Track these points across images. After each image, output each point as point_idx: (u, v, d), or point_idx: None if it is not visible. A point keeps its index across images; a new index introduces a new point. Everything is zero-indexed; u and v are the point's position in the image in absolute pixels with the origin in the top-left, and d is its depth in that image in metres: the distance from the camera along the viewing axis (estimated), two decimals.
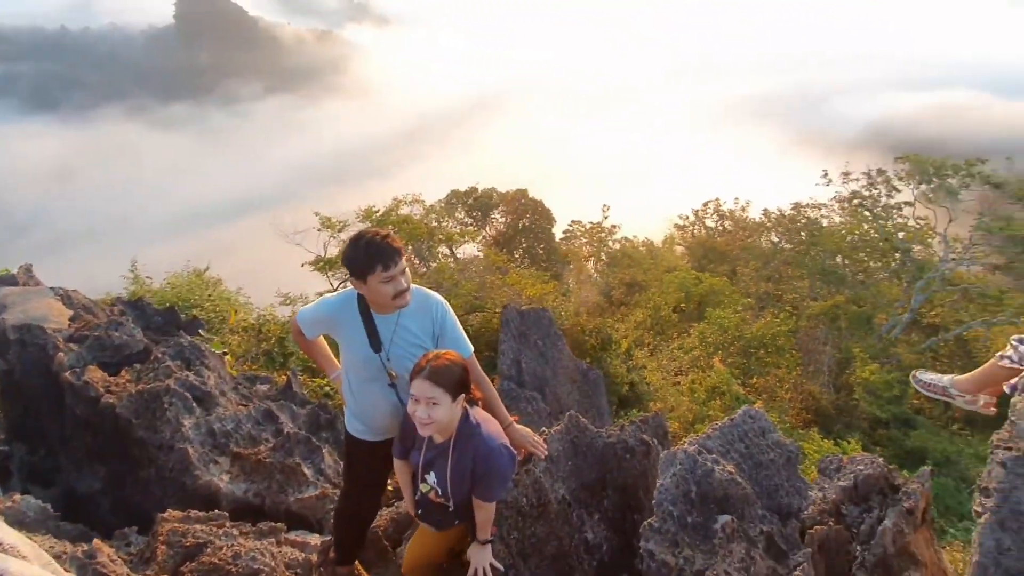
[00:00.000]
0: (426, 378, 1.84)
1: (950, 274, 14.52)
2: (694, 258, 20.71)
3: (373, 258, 1.92)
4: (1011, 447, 1.76)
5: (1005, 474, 1.73)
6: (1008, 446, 1.77)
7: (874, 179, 16.68)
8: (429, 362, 1.87)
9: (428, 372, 1.85)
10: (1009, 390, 2.17)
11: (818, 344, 14.12)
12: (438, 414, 1.85)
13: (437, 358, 1.89)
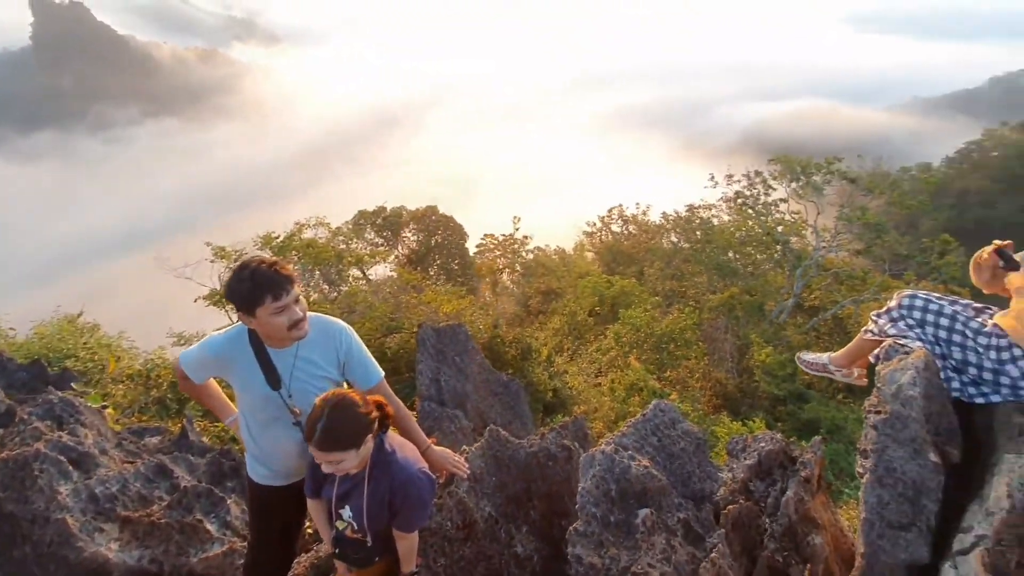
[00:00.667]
0: (317, 447, 1.69)
1: (823, 260, 16.26)
2: (604, 262, 21.61)
3: (261, 289, 1.79)
4: (879, 411, 1.97)
5: (877, 435, 1.94)
6: (877, 410, 1.99)
7: (753, 180, 18.37)
8: (317, 425, 1.69)
9: (318, 440, 1.68)
10: (874, 360, 2.43)
11: (720, 334, 15.22)
12: (345, 466, 1.75)
13: (326, 417, 1.69)
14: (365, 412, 1.76)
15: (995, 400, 2.09)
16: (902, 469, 1.89)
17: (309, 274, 11.85)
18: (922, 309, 2.25)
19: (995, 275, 2.14)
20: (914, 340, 2.21)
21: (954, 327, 2.18)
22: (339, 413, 1.71)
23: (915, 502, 1.86)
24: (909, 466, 1.88)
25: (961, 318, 2.19)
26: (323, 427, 1.68)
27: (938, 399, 2.00)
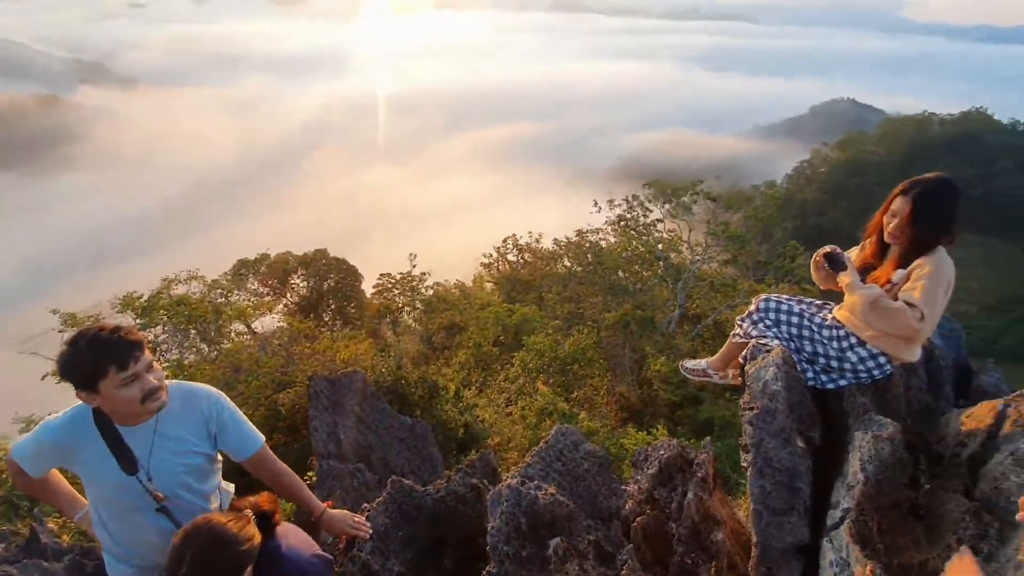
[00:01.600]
0: None
1: (699, 272, 17.83)
2: (504, 292, 21.94)
3: (102, 359, 1.56)
4: (752, 407, 2.16)
5: (753, 430, 2.11)
6: (750, 407, 2.17)
7: (632, 204, 19.85)
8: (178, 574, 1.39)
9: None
10: (743, 361, 2.67)
11: (618, 350, 16.00)
12: None
13: (188, 558, 1.38)
14: (239, 547, 1.44)
15: (843, 384, 2.37)
16: (777, 458, 2.06)
17: (183, 335, 10.70)
18: (775, 310, 2.51)
19: (828, 275, 2.46)
20: (773, 339, 2.46)
21: (802, 323, 2.46)
22: (201, 553, 1.39)
23: (791, 487, 2.04)
24: (781, 454, 2.06)
25: (807, 315, 2.48)
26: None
27: (797, 390, 2.23)
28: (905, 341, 2.28)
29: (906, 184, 2.31)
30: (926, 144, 72.93)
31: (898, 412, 2.46)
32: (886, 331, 2.22)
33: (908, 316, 2.11)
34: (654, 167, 70.95)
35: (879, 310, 2.17)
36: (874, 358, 2.34)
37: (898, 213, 2.25)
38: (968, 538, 1.70)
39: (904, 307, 2.13)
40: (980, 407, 2.37)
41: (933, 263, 2.17)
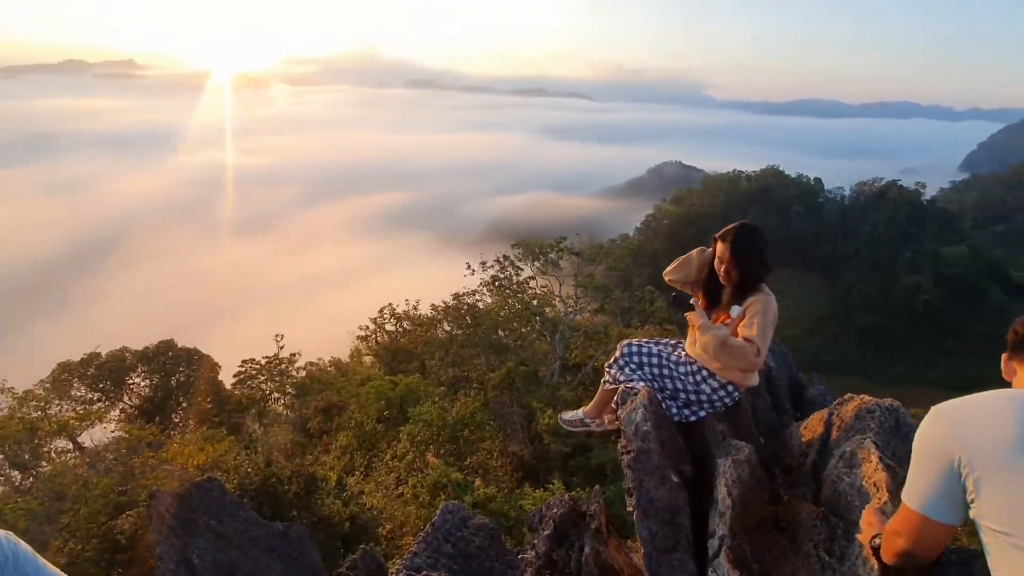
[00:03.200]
0: None
1: (573, 323, 18.77)
2: (385, 364, 21.07)
3: None
4: (629, 450, 2.24)
5: (632, 473, 2.18)
6: (627, 450, 2.25)
7: (504, 264, 20.58)
8: None
9: None
10: (615, 406, 2.80)
11: (506, 408, 15.98)
12: None
13: None
14: None
15: (702, 415, 2.58)
16: (657, 497, 2.14)
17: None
18: (637, 354, 2.69)
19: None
20: (638, 381, 2.62)
21: (662, 363, 2.66)
22: None
23: (673, 524, 2.11)
24: (660, 493, 2.14)
25: (664, 355, 2.69)
26: None
27: (666, 427, 2.37)
28: (746, 372, 2.57)
29: (721, 232, 2.67)
30: (739, 196, 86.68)
31: (750, 433, 2.72)
32: (732, 366, 2.48)
33: (748, 351, 2.40)
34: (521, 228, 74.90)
35: (726, 348, 2.43)
36: (724, 387, 2.59)
37: (723, 257, 2.58)
38: (822, 542, 1.88)
39: (746, 344, 2.42)
40: (812, 418, 2.70)
41: (762, 301, 2.50)
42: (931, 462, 1.26)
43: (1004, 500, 1.12)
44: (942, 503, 1.26)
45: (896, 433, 2.16)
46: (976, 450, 1.17)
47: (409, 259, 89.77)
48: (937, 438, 1.25)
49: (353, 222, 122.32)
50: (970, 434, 1.19)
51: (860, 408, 2.31)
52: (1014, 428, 1.13)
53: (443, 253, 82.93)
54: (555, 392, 16.96)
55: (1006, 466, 1.12)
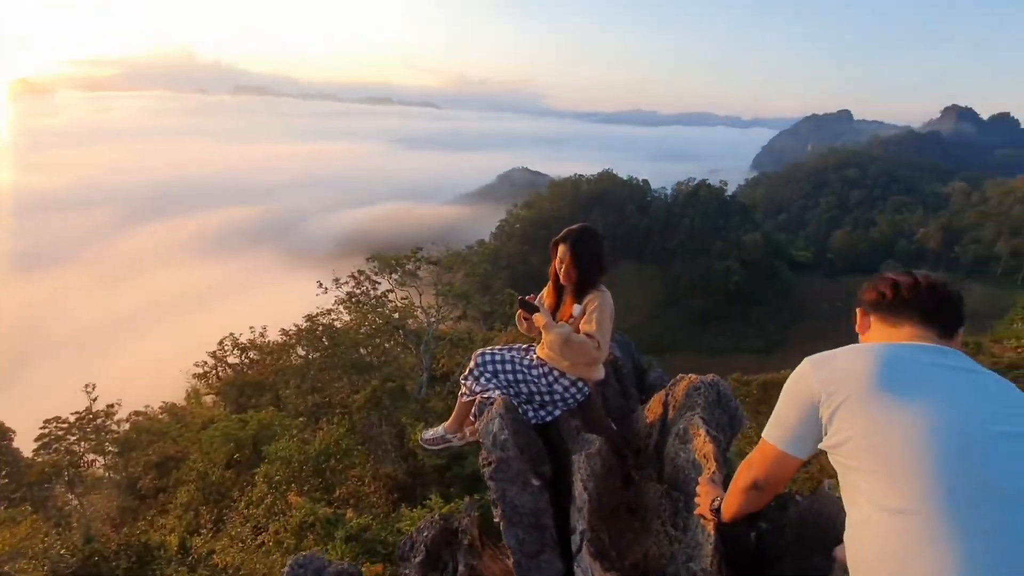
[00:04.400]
0: None
1: (437, 332, 18.63)
2: (230, 401, 18.88)
3: None
4: (489, 461, 2.24)
5: (495, 484, 2.17)
6: (487, 461, 2.24)
7: (359, 279, 19.71)
8: None
9: None
10: (473, 418, 2.79)
11: (375, 429, 15.28)
12: None
13: None
14: None
15: (557, 414, 2.67)
16: (520, 503, 2.15)
17: None
18: (491, 362, 2.70)
19: (530, 324, 2.80)
20: (494, 390, 2.63)
21: (515, 368, 2.70)
22: None
23: (538, 526, 2.14)
24: (523, 498, 2.16)
25: (518, 359, 2.74)
26: None
27: (524, 432, 2.40)
28: (591, 366, 2.72)
29: (561, 234, 2.80)
30: (582, 198, 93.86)
31: (602, 423, 2.89)
32: (577, 361, 2.61)
33: (590, 346, 2.54)
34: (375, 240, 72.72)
35: (570, 345, 2.55)
36: (574, 384, 2.72)
37: (563, 258, 2.71)
38: (667, 518, 2.04)
39: (587, 340, 2.56)
40: (653, 400, 2.94)
41: (599, 298, 2.67)
42: (795, 402, 1.39)
43: (850, 433, 1.26)
44: (797, 439, 1.41)
45: (718, 405, 2.44)
46: (835, 389, 1.31)
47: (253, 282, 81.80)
48: (803, 382, 1.38)
49: (183, 245, 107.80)
50: (832, 377, 1.33)
51: (689, 387, 2.57)
52: (869, 369, 1.28)
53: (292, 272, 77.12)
54: (425, 405, 16.66)
55: (856, 404, 1.26)
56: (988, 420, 1.19)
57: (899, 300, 1.42)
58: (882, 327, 1.45)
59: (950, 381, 1.25)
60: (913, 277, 1.44)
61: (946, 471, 1.14)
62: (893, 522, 1.16)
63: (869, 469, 1.22)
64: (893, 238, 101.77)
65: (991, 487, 1.12)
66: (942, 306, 1.39)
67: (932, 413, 1.19)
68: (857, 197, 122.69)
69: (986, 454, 1.15)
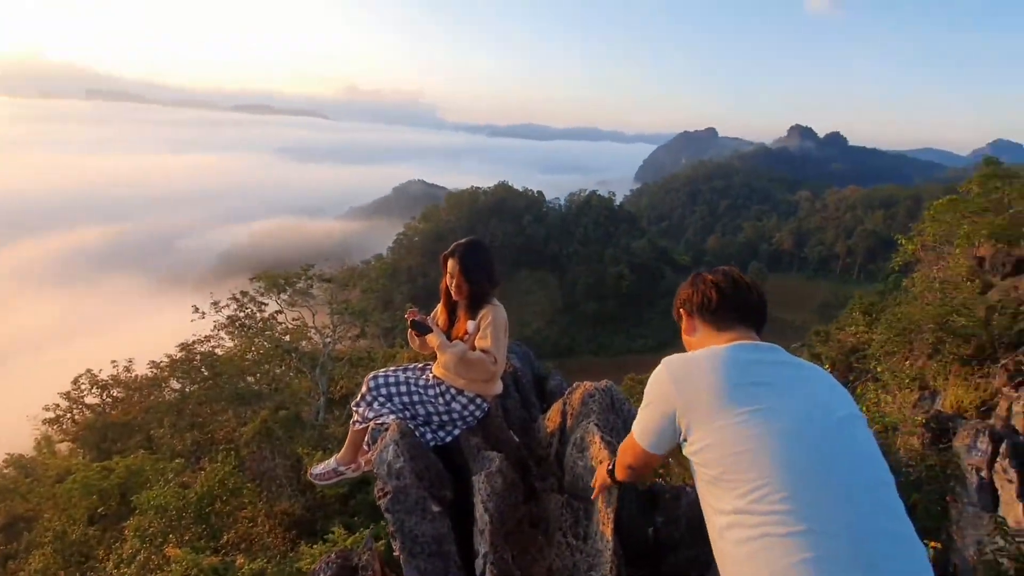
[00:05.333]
0: None
1: (334, 353, 17.68)
2: (90, 447, 16.45)
3: None
4: (385, 492, 2.12)
5: (392, 516, 2.06)
6: (384, 492, 2.12)
7: (242, 301, 18.19)
8: None
9: None
10: (367, 447, 2.64)
11: (267, 463, 14.09)
12: None
13: None
14: None
15: (457, 433, 2.60)
16: (421, 532, 2.06)
17: None
18: (384, 385, 2.58)
19: (421, 340, 2.72)
20: (389, 414, 2.51)
21: (411, 390, 2.60)
22: None
23: (441, 554, 2.06)
24: (423, 527, 2.06)
25: (412, 380, 2.64)
26: None
27: (422, 457, 2.31)
28: (489, 382, 2.69)
29: (449, 249, 2.75)
30: (479, 210, 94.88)
31: (504, 437, 2.87)
32: (475, 378, 2.57)
33: (486, 362, 2.51)
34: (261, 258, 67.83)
35: (466, 363, 2.50)
36: (473, 401, 2.67)
37: (453, 273, 2.66)
38: (568, 528, 2.06)
39: (483, 356, 2.52)
40: (552, 409, 2.98)
41: (492, 312, 2.64)
42: (656, 407, 1.49)
43: (708, 442, 1.35)
44: (658, 440, 1.52)
45: (612, 409, 2.53)
46: (689, 398, 1.40)
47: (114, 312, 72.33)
48: (662, 387, 1.47)
49: (30, 272, 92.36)
50: (686, 385, 1.42)
51: (584, 394, 2.64)
52: (716, 380, 1.37)
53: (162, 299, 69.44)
54: (324, 431, 15.68)
55: (710, 414, 1.35)
56: (825, 409, 1.33)
57: (724, 304, 1.54)
58: (709, 330, 1.57)
59: (786, 377, 1.38)
60: (731, 280, 1.56)
61: (797, 468, 1.24)
62: (753, 524, 1.24)
63: (727, 476, 1.31)
64: (756, 242, 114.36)
65: (840, 474, 1.24)
66: (757, 307, 1.54)
67: (777, 413, 1.31)
68: (724, 206, 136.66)
69: (831, 442, 1.28)
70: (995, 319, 7.35)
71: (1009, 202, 9.96)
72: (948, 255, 10.32)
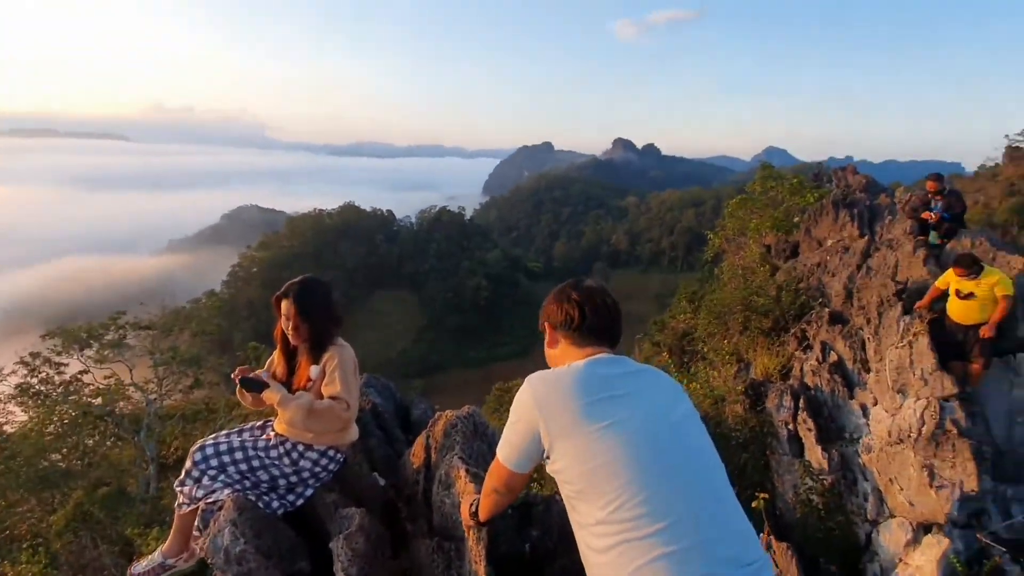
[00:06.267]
0: None
1: (163, 411, 15.27)
2: None
3: None
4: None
5: None
6: None
7: (33, 364, 14.89)
8: None
9: None
10: (198, 531, 2.26)
11: (89, 553, 11.63)
12: None
13: None
14: None
15: (310, 494, 2.34)
16: None
17: None
18: (215, 455, 2.23)
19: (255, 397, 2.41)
20: (223, 488, 2.17)
21: (248, 455, 2.28)
22: None
23: None
24: None
25: (250, 443, 2.32)
26: None
27: (268, 532, 2.03)
28: (343, 431, 2.46)
29: (282, 290, 2.47)
30: (325, 233, 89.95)
31: (365, 485, 2.66)
32: (326, 430, 2.33)
33: (338, 409, 2.28)
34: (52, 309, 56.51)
35: (314, 415, 2.25)
36: (325, 455, 2.41)
37: (288, 315, 2.40)
38: (441, 573, 1.96)
39: (333, 403, 2.29)
40: (416, 444, 2.85)
41: (338, 354, 2.42)
42: (520, 426, 1.52)
43: (568, 459, 1.41)
44: (522, 460, 1.56)
45: (476, 436, 2.48)
46: (550, 416, 1.45)
47: None
48: (526, 405, 1.52)
49: None
50: (547, 403, 1.47)
51: (446, 424, 2.55)
52: (573, 397, 1.44)
53: None
54: (157, 504, 13.39)
55: (569, 430, 1.42)
56: (664, 413, 1.47)
57: (585, 324, 1.64)
58: (570, 345, 1.66)
59: (632, 389, 1.50)
60: (593, 301, 1.66)
61: (648, 475, 1.35)
62: (613, 533, 1.32)
63: (587, 491, 1.38)
64: (597, 244, 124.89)
65: (682, 472, 1.36)
66: (614, 326, 1.67)
67: (627, 424, 1.41)
68: (567, 213, 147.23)
69: (672, 444, 1.41)
70: (783, 296, 8.85)
71: (781, 198, 12.13)
72: (744, 245, 12.22)
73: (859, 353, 6.58)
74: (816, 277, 8.94)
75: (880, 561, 5.13)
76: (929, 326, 5.79)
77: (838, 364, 6.79)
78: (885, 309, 6.51)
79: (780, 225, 11.37)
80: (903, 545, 4.94)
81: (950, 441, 4.78)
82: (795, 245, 10.68)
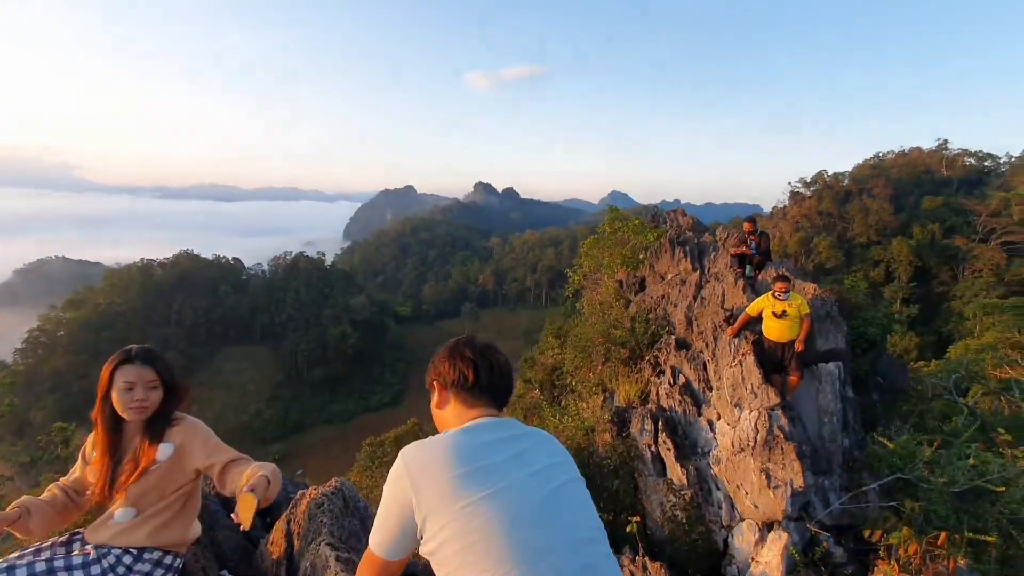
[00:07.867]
0: None
1: None
2: None
3: None
4: None
5: None
6: None
7: None
8: None
9: None
10: None
11: None
12: None
13: None
14: None
15: None
16: None
17: None
18: None
19: None
20: None
21: None
22: None
23: None
24: None
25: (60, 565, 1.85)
26: None
27: None
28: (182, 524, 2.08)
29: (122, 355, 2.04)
30: (156, 285, 79.14)
31: None
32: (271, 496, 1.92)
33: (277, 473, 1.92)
34: None
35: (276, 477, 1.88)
36: (160, 562, 2.01)
37: (146, 383, 1.99)
38: None
39: (260, 467, 1.92)
40: (274, 531, 2.50)
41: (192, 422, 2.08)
42: (393, 508, 1.40)
43: (442, 538, 1.32)
44: (399, 545, 1.42)
45: (346, 512, 2.25)
46: (423, 490, 1.35)
47: None
48: (399, 482, 1.40)
49: None
50: (421, 479, 1.37)
51: (310, 504, 2.29)
52: (447, 469, 1.36)
53: None
54: None
55: (442, 505, 1.33)
56: (547, 479, 1.44)
57: (478, 385, 1.59)
58: (459, 405, 1.60)
59: (510, 455, 1.46)
60: (487, 362, 1.63)
61: (522, 549, 1.30)
62: None
63: (461, 571, 1.30)
64: (465, 284, 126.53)
65: (558, 539, 1.34)
66: (505, 389, 1.65)
67: (501, 495, 1.36)
68: (433, 255, 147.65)
69: (548, 517, 1.38)
70: (636, 326, 9.67)
71: (628, 238, 13.43)
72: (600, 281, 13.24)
73: (702, 374, 7.37)
74: (662, 308, 9.95)
75: (736, 563, 5.65)
76: (753, 346, 6.71)
77: (686, 385, 7.52)
78: (719, 333, 7.42)
79: (628, 261, 12.54)
80: (753, 544, 5.50)
81: (779, 445, 5.50)
82: (642, 279, 11.83)
